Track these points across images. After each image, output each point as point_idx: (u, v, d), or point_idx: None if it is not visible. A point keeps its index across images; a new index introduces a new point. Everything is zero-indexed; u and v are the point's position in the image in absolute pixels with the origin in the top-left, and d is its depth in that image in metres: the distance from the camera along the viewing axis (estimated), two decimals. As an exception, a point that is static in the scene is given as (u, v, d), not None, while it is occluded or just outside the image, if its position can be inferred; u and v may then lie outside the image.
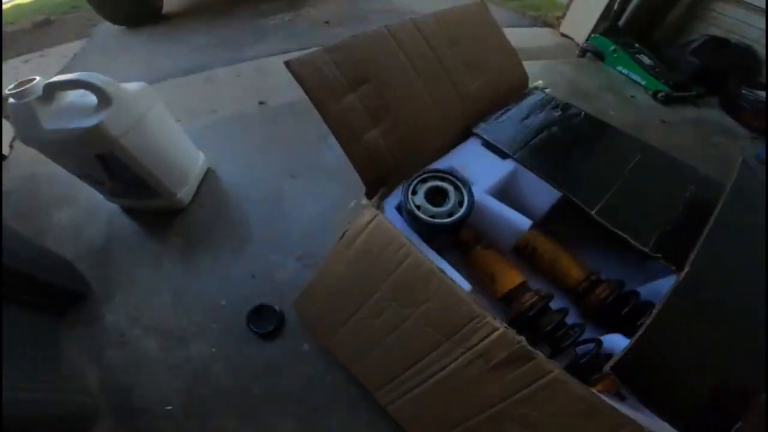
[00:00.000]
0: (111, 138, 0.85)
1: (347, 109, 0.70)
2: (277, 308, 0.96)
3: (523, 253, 0.81)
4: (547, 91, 1.01)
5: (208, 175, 1.25)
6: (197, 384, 0.86)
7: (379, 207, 0.68)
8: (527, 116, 0.91)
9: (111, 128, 0.84)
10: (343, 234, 0.72)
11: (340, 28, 2.22)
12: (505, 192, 0.80)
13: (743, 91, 1.59)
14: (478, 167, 0.79)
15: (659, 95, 1.67)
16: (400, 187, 0.69)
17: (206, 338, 0.93)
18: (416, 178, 0.69)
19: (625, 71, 1.80)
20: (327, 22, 2.27)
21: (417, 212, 0.65)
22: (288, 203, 1.17)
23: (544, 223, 0.84)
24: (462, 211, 0.65)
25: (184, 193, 1.16)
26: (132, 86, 0.95)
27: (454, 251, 0.82)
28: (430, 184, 0.69)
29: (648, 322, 0.50)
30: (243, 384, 0.85)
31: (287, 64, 0.64)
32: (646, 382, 0.50)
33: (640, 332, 0.50)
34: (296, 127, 1.42)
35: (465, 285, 0.63)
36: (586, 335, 0.68)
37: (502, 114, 0.91)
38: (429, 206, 0.66)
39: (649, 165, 0.83)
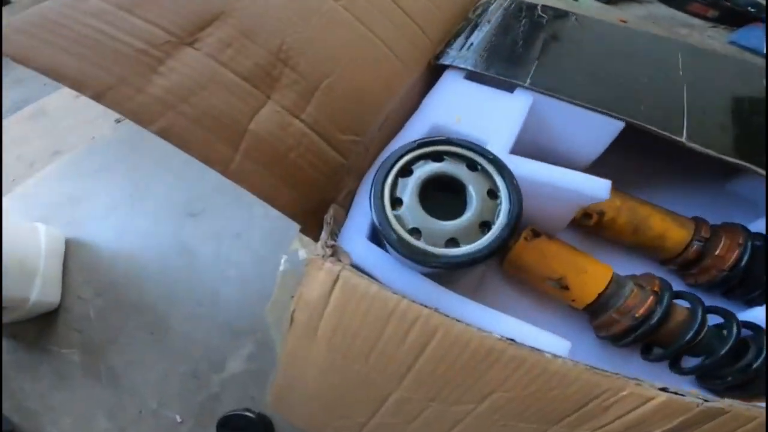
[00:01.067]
0: None
1: (189, 85, 0.32)
2: (252, 414, 0.65)
3: (583, 222, 0.50)
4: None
5: (72, 250, 0.82)
6: None
7: (336, 253, 0.33)
8: (507, 29, 0.57)
9: None
10: (291, 318, 0.37)
11: None
12: (528, 140, 0.48)
13: None
14: (479, 114, 0.45)
15: None
16: (368, 193, 0.35)
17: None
18: (389, 171, 0.35)
19: None
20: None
21: (419, 246, 0.31)
22: (200, 257, 0.77)
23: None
24: (504, 210, 0.32)
25: (44, 292, 0.75)
26: None
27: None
28: (420, 174, 0.34)
29: None
30: None
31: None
32: None
33: None
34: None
35: (561, 345, 0.31)
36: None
37: (471, 33, 0.57)
38: (437, 223, 0.32)
39: (702, 66, 0.55)
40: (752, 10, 1.42)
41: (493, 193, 0.33)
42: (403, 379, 0.33)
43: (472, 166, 0.34)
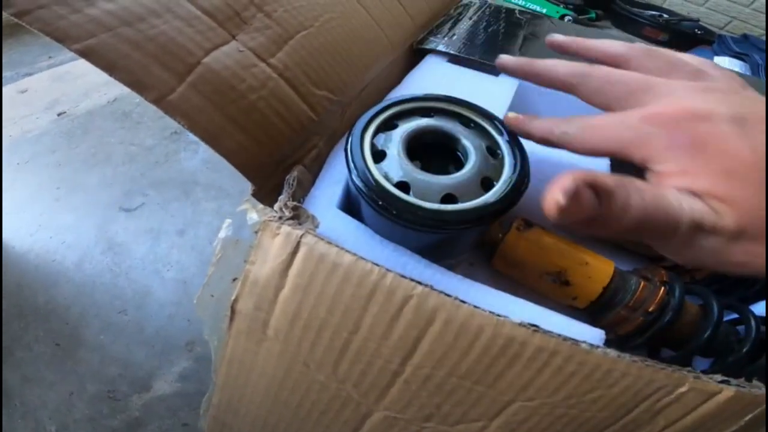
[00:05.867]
0: None
1: (139, 12, 0.23)
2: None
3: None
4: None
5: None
6: None
7: (299, 216, 0.24)
8: (488, 25, 0.55)
9: None
10: (232, 309, 0.26)
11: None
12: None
13: (635, 9, 1.54)
14: (465, 95, 0.39)
15: (566, 19, 1.51)
16: (341, 157, 0.26)
17: None
18: (370, 122, 0.27)
19: (521, 2, 1.60)
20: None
21: (409, 200, 0.22)
22: (130, 256, 0.63)
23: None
24: (509, 164, 0.25)
25: None
26: None
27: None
28: (407, 128, 0.26)
29: None
30: None
31: None
32: None
33: None
34: (123, 134, 0.85)
35: (592, 334, 0.24)
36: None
37: (453, 26, 0.53)
38: (430, 177, 0.24)
39: None
40: (699, 32, 1.53)
41: (492, 151, 0.26)
42: (388, 392, 0.23)
43: (466, 123, 0.27)
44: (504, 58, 0.26)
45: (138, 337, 0.54)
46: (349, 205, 0.28)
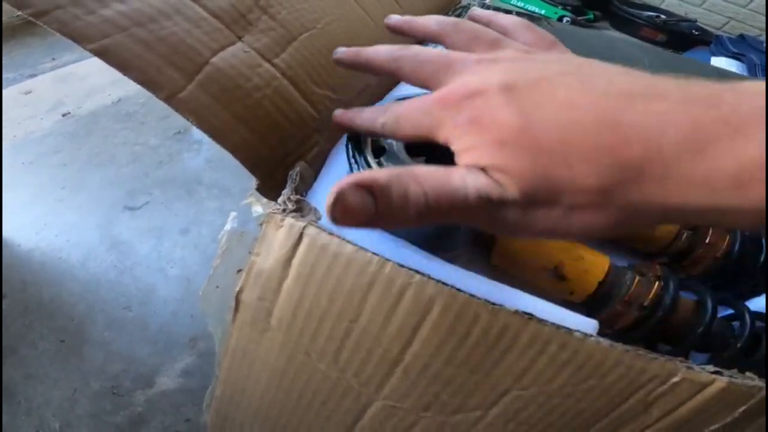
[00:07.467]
0: None
1: (150, 13, 0.25)
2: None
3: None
4: (488, 1, 0.67)
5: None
6: None
7: (302, 209, 0.25)
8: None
9: None
10: (237, 299, 0.27)
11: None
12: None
13: (632, 10, 1.55)
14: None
15: (565, 20, 1.51)
16: (342, 153, 0.27)
17: None
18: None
19: (520, 4, 1.60)
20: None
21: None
22: (134, 254, 0.63)
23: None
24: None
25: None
26: None
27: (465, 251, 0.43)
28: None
29: None
30: None
31: None
32: None
33: None
34: (127, 134, 0.86)
35: (585, 324, 0.25)
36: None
37: None
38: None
39: (667, 67, 0.56)
40: (696, 33, 1.53)
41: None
42: (388, 381, 0.24)
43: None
44: (339, 51, 0.25)
45: (142, 333, 0.55)
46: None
